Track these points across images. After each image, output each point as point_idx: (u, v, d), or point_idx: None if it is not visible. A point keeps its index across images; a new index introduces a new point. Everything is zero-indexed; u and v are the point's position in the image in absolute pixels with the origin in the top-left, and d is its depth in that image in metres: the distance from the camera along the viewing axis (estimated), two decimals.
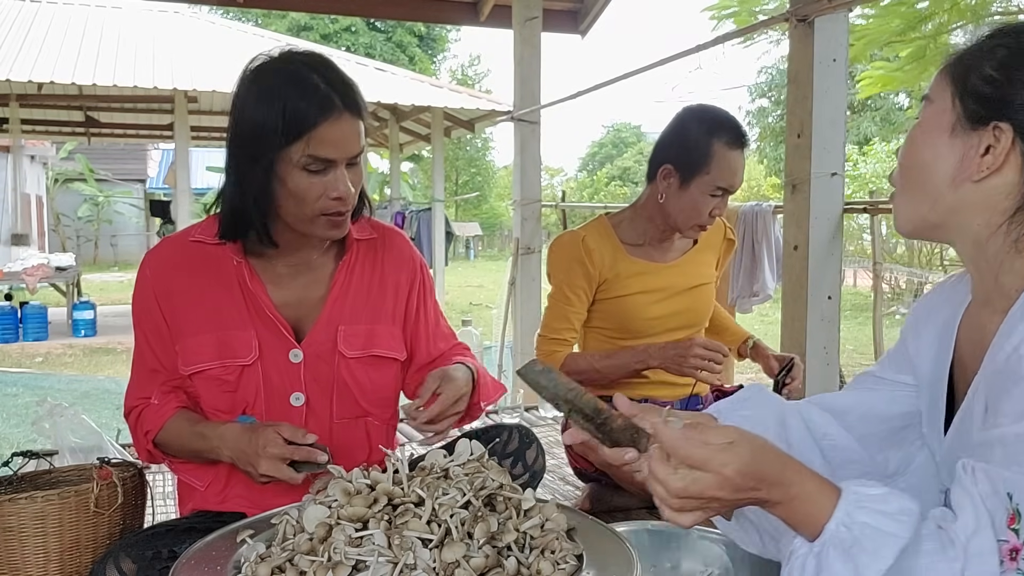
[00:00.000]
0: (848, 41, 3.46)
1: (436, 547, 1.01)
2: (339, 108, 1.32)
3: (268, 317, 1.44)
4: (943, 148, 0.96)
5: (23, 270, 9.40)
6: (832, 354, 3.13)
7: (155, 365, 1.47)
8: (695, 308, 2.14)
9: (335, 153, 1.33)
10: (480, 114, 9.31)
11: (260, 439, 1.30)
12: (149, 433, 1.44)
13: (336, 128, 1.32)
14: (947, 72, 0.98)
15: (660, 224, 2.06)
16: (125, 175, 22.68)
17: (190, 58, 8.74)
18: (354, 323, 1.49)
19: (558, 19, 5.29)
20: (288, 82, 1.32)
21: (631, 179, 32.12)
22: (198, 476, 1.48)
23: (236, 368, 1.43)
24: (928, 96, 1.01)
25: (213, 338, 1.43)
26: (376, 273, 1.54)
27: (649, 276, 2.08)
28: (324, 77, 1.34)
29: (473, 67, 30.53)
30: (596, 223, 2.14)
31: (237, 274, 1.44)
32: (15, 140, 10.99)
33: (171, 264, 1.47)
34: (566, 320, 2.08)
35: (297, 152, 1.31)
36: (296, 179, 1.33)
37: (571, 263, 2.06)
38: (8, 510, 1.43)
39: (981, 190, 0.94)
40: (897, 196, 1.03)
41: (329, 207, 1.36)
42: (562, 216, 5.03)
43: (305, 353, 1.45)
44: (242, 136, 1.35)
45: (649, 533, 1.51)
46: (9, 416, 5.54)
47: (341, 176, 1.35)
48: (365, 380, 1.50)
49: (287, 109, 1.30)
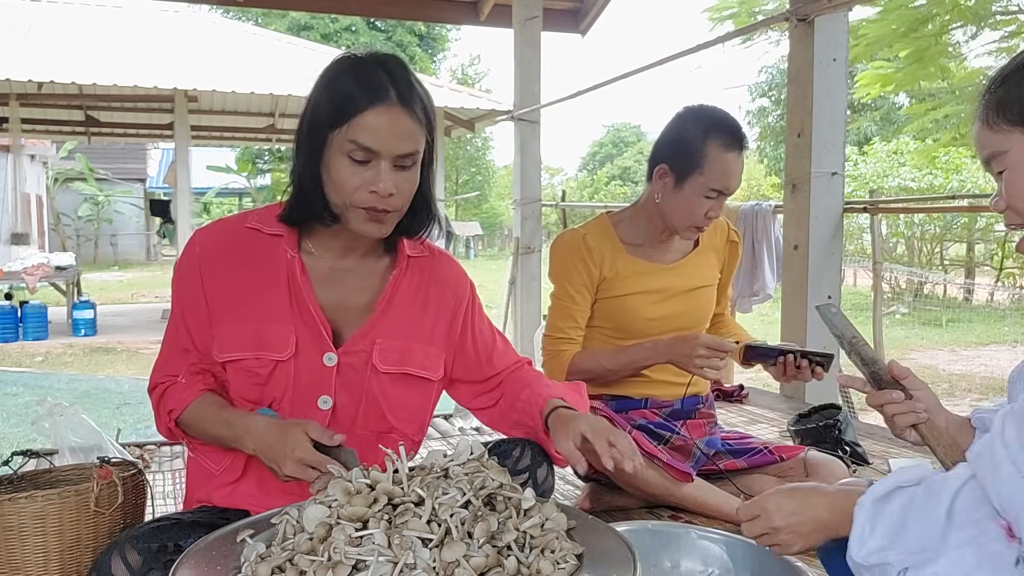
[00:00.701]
0: (848, 41, 3.46)
1: (436, 547, 1.01)
2: (391, 99, 1.30)
3: (311, 316, 1.42)
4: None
5: (23, 269, 9.40)
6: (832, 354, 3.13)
7: (188, 345, 1.45)
8: (695, 310, 2.13)
9: (377, 143, 1.31)
10: (480, 114, 9.31)
11: (289, 440, 1.28)
12: (173, 412, 1.42)
13: (383, 117, 1.30)
14: (999, 122, 1.05)
15: (658, 224, 2.06)
16: (125, 174, 22.71)
17: (190, 57, 8.75)
18: (392, 338, 1.48)
19: (558, 18, 5.29)
20: (350, 68, 1.33)
21: (631, 179, 32.13)
22: (216, 460, 1.47)
23: (270, 362, 1.41)
24: (996, 151, 1.07)
25: (252, 328, 1.41)
26: (420, 292, 1.53)
27: (648, 276, 2.08)
28: (388, 71, 1.33)
29: (473, 67, 30.51)
30: (597, 222, 2.14)
31: (287, 268, 1.43)
32: (15, 139, 10.98)
33: (223, 246, 1.45)
34: (571, 319, 2.08)
35: (341, 136, 1.31)
36: (338, 165, 1.32)
37: (572, 261, 2.06)
38: (8, 509, 1.43)
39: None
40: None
41: (366, 200, 1.34)
42: (562, 216, 5.03)
43: (340, 359, 1.44)
44: (303, 118, 1.37)
45: (649, 533, 1.51)
46: (9, 415, 5.54)
47: (384, 172, 1.32)
48: (395, 396, 1.49)
49: (339, 91, 1.31)
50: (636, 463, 1.32)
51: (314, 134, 1.34)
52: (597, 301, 2.09)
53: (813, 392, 3.35)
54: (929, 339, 9.37)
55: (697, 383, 2.11)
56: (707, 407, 2.19)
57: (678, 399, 2.12)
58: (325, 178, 1.36)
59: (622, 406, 2.10)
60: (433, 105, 1.40)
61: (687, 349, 1.91)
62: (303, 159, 1.37)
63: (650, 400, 2.11)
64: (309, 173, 1.36)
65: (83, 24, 9.91)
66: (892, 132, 16.81)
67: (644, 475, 1.91)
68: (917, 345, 8.93)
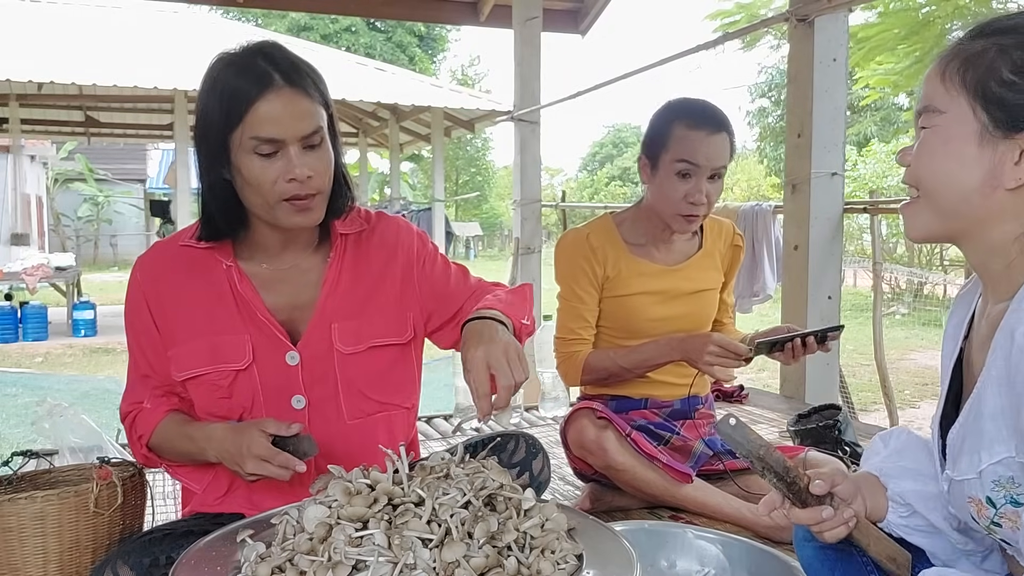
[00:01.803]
0: (848, 41, 3.46)
1: (436, 547, 1.01)
2: (278, 83, 1.27)
3: (261, 320, 1.42)
4: (970, 158, 0.94)
5: (23, 270, 9.39)
6: (832, 354, 3.13)
7: (147, 370, 1.46)
8: (697, 313, 2.14)
9: (279, 131, 1.28)
10: (480, 114, 9.32)
11: (244, 439, 1.28)
12: (142, 437, 1.43)
13: (276, 103, 1.27)
14: (953, 78, 0.96)
15: (656, 221, 2.07)
16: (125, 175, 22.70)
17: (190, 58, 8.72)
18: (346, 319, 1.46)
19: (558, 19, 5.29)
20: (228, 66, 1.30)
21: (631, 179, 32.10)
22: (195, 479, 1.47)
23: (230, 373, 1.41)
24: (933, 106, 0.98)
25: (205, 343, 1.41)
26: (363, 264, 1.51)
27: (651, 277, 2.08)
28: (267, 57, 1.29)
29: (473, 67, 30.55)
30: (600, 221, 2.15)
31: (228, 278, 1.43)
32: (15, 140, 10.99)
33: (161, 269, 1.45)
34: (581, 318, 2.07)
35: (241, 135, 1.28)
36: (248, 165, 1.30)
37: (576, 261, 2.07)
38: (8, 510, 1.43)
39: (1016, 196, 0.93)
40: (914, 205, 1.01)
41: (287, 191, 1.31)
42: (562, 216, 5.03)
43: (302, 355, 1.44)
44: (196, 132, 1.34)
45: (646, 532, 1.51)
46: (9, 416, 5.54)
47: (295, 156, 1.29)
48: (371, 373, 1.48)
49: (224, 91, 1.28)
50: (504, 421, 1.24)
51: (212, 142, 1.31)
52: (601, 300, 2.09)
53: (813, 392, 3.35)
54: (929, 339, 9.36)
55: (697, 383, 2.11)
56: (707, 407, 2.19)
57: (678, 399, 2.11)
58: (239, 183, 1.33)
59: (622, 406, 2.10)
60: (321, 78, 1.36)
61: (699, 344, 1.91)
62: (208, 171, 1.34)
63: (650, 400, 2.11)
64: (219, 184, 1.34)
65: (83, 24, 9.91)
66: (892, 133, 16.82)
67: (643, 475, 1.91)
68: (917, 345, 8.93)
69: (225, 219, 1.38)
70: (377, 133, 12.06)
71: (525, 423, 3.17)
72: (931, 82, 0.99)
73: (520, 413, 3.21)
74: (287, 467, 1.27)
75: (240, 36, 7.95)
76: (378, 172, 17.66)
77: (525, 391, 3.66)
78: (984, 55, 0.94)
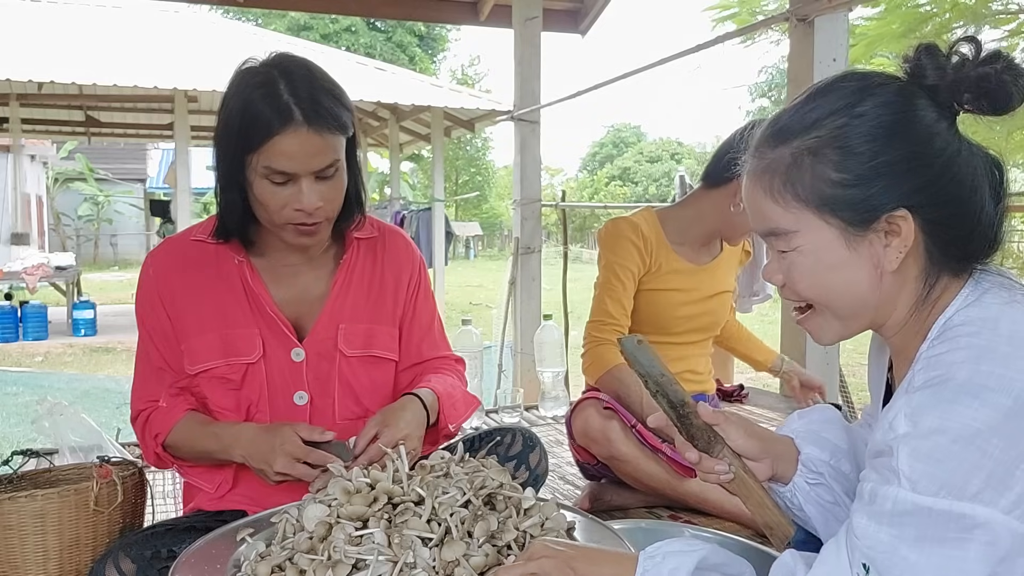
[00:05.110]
0: (848, 41, 3.46)
1: (436, 546, 1.01)
2: (296, 120, 1.27)
3: (270, 315, 1.43)
4: (848, 262, 0.92)
5: (23, 269, 9.40)
6: (832, 354, 3.12)
7: (161, 364, 1.47)
8: (714, 313, 2.21)
9: (293, 167, 1.29)
10: (480, 114, 9.30)
11: (278, 437, 1.29)
12: (159, 436, 1.43)
13: (293, 141, 1.27)
14: (785, 196, 0.93)
15: (710, 230, 2.11)
16: (125, 175, 22.72)
17: (190, 58, 8.74)
18: (354, 322, 1.48)
19: (558, 19, 5.29)
20: (256, 85, 1.29)
21: (631, 179, 32.15)
22: (207, 479, 1.48)
23: (241, 366, 1.42)
24: (780, 228, 0.94)
25: (217, 336, 1.43)
26: (376, 272, 1.53)
27: (685, 275, 2.14)
28: (291, 86, 1.28)
29: (473, 67, 30.55)
30: (644, 214, 2.18)
31: (239, 273, 1.44)
32: (15, 140, 11.00)
33: (173, 264, 1.46)
34: (620, 304, 2.06)
35: (256, 160, 1.29)
36: (259, 187, 1.32)
37: (626, 244, 2.08)
38: (8, 508, 1.43)
39: (900, 274, 0.92)
40: (815, 318, 0.98)
41: (294, 218, 1.33)
42: (562, 216, 5.02)
43: (307, 352, 1.45)
44: (217, 134, 1.35)
45: (643, 531, 1.51)
46: (9, 415, 5.55)
47: (306, 189, 1.31)
48: (366, 379, 1.50)
49: (246, 114, 1.28)
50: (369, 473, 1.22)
51: (231, 156, 1.32)
52: (637, 292, 2.11)
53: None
54: None
55: (703, 382, 2.15)
56: (712, 406, 2.21)
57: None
58: (250, 197, 1.35)
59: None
60: (345, 100, 1.35)
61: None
62: (225, 179, 1.36)
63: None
64: (234, 192, 1.35)
65: (83, 24, 9.90)
66: None
67: (646, 467, 1.93)
68: None
69: (236, 219, 1.39)
70: (377, 133, 12.05)
71: (525, 422, 3.17)
72: (761, 204, 0.95)
73: (520, 413, 3.21)
74: (321, 463, 1.27)
75: (240, 36, 7.89)
76: (378, 172, 17.66)
77: (525, 391, 3.67)
78: (800, 164, 0.92)
